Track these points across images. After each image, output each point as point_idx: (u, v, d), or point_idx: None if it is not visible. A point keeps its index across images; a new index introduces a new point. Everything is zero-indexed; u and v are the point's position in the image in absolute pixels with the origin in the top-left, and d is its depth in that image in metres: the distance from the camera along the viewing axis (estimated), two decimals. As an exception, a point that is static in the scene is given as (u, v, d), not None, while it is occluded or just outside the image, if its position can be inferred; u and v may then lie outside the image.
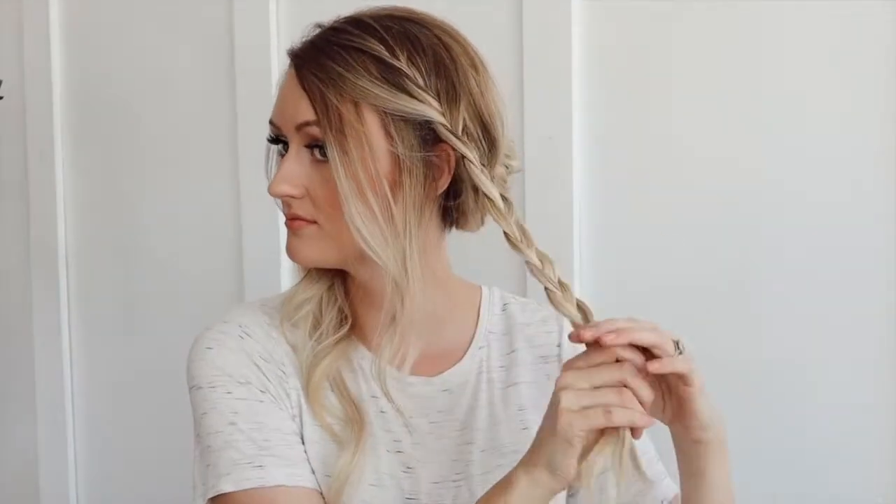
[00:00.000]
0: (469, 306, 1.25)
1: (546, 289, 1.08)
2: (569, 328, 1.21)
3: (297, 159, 1.11)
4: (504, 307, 1.27)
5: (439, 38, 1.12)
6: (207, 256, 1.91)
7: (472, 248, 1.25)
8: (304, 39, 1.14)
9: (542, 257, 1.10)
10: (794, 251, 1.54)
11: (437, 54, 1.11)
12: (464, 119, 1.10)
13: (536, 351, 1.24)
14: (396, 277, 1.09)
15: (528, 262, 1.09)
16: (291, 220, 1.13)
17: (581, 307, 1.08)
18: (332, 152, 1.08)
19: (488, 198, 1.10)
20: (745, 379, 1.56)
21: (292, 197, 1.12)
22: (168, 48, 1.92)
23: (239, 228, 1.86)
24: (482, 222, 1.18)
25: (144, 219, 1.96)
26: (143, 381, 1.98)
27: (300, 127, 1.10)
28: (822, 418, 1.54)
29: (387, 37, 1.10)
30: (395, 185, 1.09)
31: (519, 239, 1.10)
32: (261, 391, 1.15)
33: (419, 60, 1.10)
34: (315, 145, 1.11)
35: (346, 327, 1.18)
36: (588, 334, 1.04)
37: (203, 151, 1.90)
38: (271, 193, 1.12)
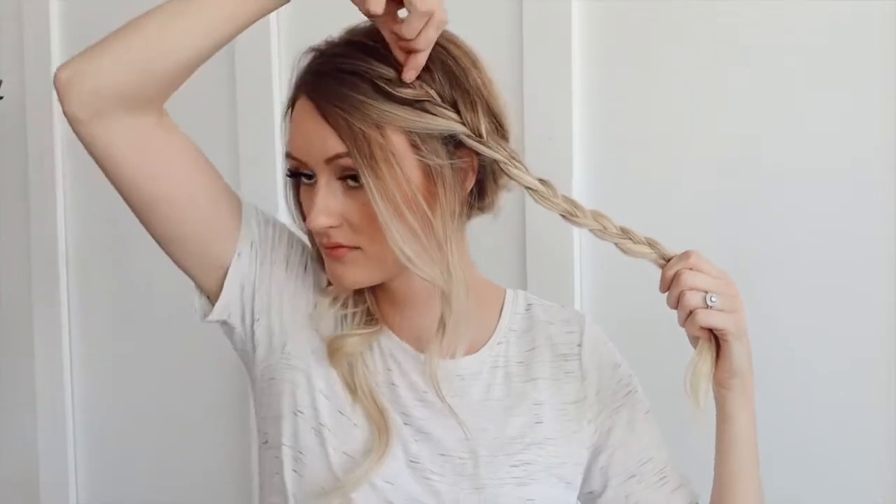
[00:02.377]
0: (492, 304, 1.28)
1: (616, 244, 1.15)
2: (590, 328, 1.29)
3: (329, 190, 1.13)
4: (528, 307, 1.30)
5: (440, 45, 1.14)
6: (207, 256, 1.91)
7: (472, 248, 1.25)
8: (305, 68, 1.16)
9: (598, 217, 1.16)
10: (794, 251, 1.54)
11: (444, 63, 1.14)
12: (483, 122, 1.14)
13: (556, 349, 1.27)
14: (444, 288, 1.13)
15: (591, 231, 1.15)
16: (333, 248, 1.15)
17: (651, 244, 1.16)
18: (367, 180, 1.10)
19: (531, 188, 1.15)
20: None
21: (331, 227, 1.14)
22: (168, 48, 1.92)
23: (239, 228, 1.86)
24: (496, 205, 1.23)
25: (144, 219, 1.96)
26: (143, 381, 1.98)
27: (330, 160, 1.12)
28: (821, 416, 1.54)
29: (390, 55, 1.12)
30: (431, 198, 1.12)
31: (573, 213, 1.15)
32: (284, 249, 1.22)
33: (430, 75, 1.13)
34: (346, 175, 1.12)
35: (377, 327, 1.21)
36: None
37: (203, 151, 1.90)
38: (311, 228, 1.14)
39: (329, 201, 1.13)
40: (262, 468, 1.24)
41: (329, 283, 1.23)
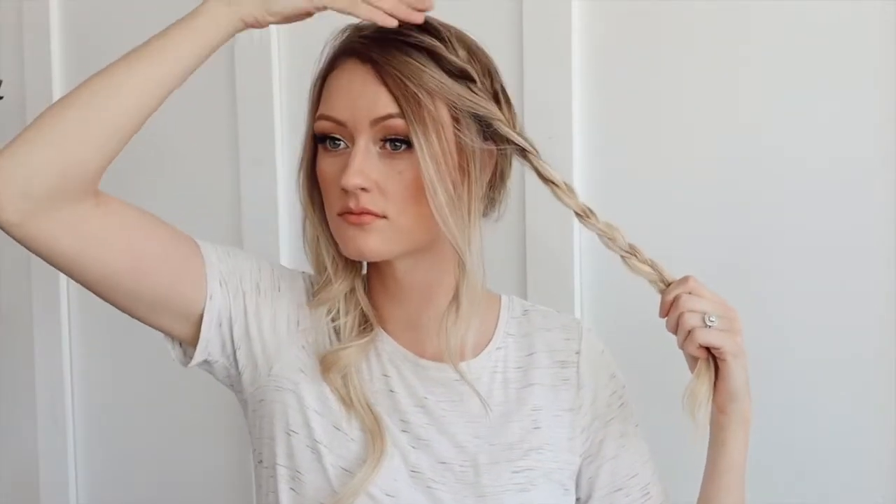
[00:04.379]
0: (489, 309, 1.28)
1: (622, 257, 1.18)
2: (588, 336, 1.30)
3: (366, 153, 1.13)
4: (524, 313, 1.30)
5: (477, 48, 1.20)
6: (207, 256, 1.91)
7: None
8: (355, 37, 1.17)
9: (610, 227, 1.18)
10: (794, 250, 1.54)
11: (483, 62, 1.19)
12: (515, 118, 1.20)
13: (555, 356, 1.26)
14: (468, 263, 1.15)
15: (599, 235, 1.18)
16: (360, 213, 1.14)
17: (653, 266, 1.18)
18: (419, 142, 1.11)
19: (554, 183, 1.18)
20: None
21: (364, 190, 1.13)
22: (168, 48, 1.92)
23: (239, 228, 1.86)
24: (499, 208, 1.26)
25: (144, 219, 1.96)
26: (143, 381, 1.98)
27: (378, 121, 1.13)
28: (821, 416, 1.54)
29: (445, 35, 1.17)
30: (464, 175, 1.15)
31: (588, 215, 1.18)
32: (266, 289, 1.21)
33: (475, 62, 1.17)
34: (388, 139, 1.13)
35: (372, 334, 1.20)
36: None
37: (203, 152, 1.90)
38: (346, 186, 1.13)
39: (366, 164, 1.13)
40: (258, 486, 1.24)
41: (313, 296, 1.22)
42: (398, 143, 1.13)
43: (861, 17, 1.49)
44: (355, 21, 1.18)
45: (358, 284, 1.23)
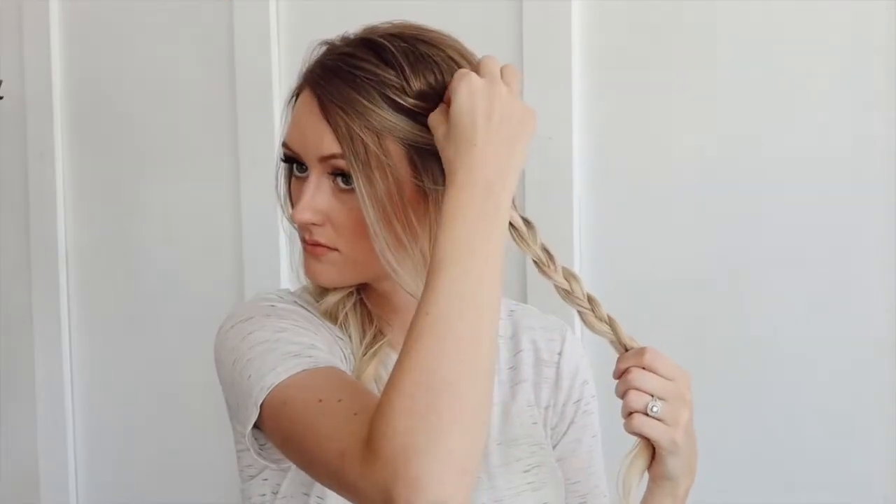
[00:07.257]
0: None
1: (578, 312, 1.10)
2: (571, 339, 1.27)
3: (319, 187, 1.11)
4: (510, 313, 1.29)
5: (452, 59, 1.12)
6: (207, 256, 1.91)
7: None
8: (316, 60, 1.13)
9: (568, 276, 1.10)
10: (794, 251, 1.54)
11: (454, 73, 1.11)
12: None
13: (538, 354, 1.27)
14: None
15: (556, 287, 1.09)
16: (313, 245, 1.13)
17: (612, 324, 1.10)
18: (360, 185, 1.07)
19: (512, 225, 1.08)
20: (744, 376, 1.57)
21: (314, 224, 1.11)
22: (168, 49, 1.92)
23: (239, 228, 1.86)
24: None
25: (145, 219, 1.96)
26: (143, 381, 1.98)
27: (324, 159, 1.10)
28: (821, 416, 1.54)
29: (405, 64, 1.10)
30: (421, 212, 1.10)
31: (546, 264, 1.10)
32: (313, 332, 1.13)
33: (437, 87, 1.09)
34: (338, 174, 1.10)
35: (382, 340, 1.19)
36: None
37: (203, 152, 1.90)
38: (295, 221, 1.12)
39: (316, 199, 1.10)
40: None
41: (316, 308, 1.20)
42: (348, 179, 1.09)
43: (861, 18, 1.49)
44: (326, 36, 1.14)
45: (361, 297, 1.22)
